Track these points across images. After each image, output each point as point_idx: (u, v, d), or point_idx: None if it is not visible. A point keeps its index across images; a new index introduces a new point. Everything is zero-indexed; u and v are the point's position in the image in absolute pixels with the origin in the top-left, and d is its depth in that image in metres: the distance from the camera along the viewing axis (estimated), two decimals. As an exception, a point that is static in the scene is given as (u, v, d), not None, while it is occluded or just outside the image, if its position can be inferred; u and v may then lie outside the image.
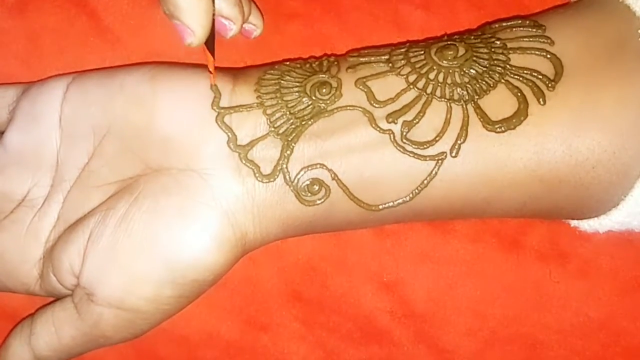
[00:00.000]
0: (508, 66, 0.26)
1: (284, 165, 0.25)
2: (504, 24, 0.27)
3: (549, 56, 0.26)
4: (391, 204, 0.26)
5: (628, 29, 0.26)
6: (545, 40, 0.26)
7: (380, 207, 0.26)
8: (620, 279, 0.31)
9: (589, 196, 0.26)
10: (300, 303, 0.31)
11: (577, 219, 0.28)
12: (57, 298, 0.26)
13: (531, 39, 0.26)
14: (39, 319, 0.26)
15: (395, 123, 0.25)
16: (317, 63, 0.27)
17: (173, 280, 0.25)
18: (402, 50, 0.27)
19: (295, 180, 0.25)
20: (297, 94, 0.26)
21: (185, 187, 0.25)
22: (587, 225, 0.28)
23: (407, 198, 0.25)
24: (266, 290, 0.31)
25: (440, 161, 0.25)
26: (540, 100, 0.25)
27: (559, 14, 0.28)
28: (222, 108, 0.26)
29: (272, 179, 0.25)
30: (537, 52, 0.26)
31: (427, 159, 0.25)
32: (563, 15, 0.27)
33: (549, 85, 0.25)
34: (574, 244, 0.31)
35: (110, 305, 0.25)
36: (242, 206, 0.25)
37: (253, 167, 0.25)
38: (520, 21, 0.27)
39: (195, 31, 0.25)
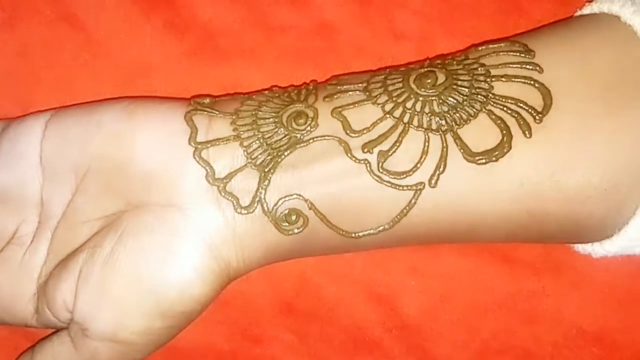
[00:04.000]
0: (490, 95, 0.25)
1: (262, 196, 0.25)
2: (491, 46, 0.26)
3: (537, 85, 0.25)
4: (371, 231, 0.26)
5: (628, 56, 0.25)
6: (534, 68, 0.25)
7: (360, 234, 0.26)
8: (614, 292, 0.30)
9: (580, 229, 0.26)
10: (293, 315, 0.31)
11: (570, 244, 0.28)
12: (55, 329, 0.27)
13: (518, 66, 0.25)
14: (39, 353, 0.27)
15: (371, 153, 0.25)
16: (295, 92, 0.27)
17: (162, 314, 0.25)
18: (381, 77, 0.26)
19: (274, 211, 0.25)
20: (273, 124, 0.26)
21: (167, 224, 0.25)
22: (580, 248, 0.28)
23: (387, 226, 0.25)
24: (259, 302, 0.31)
25: (418, 191, 0.25)
26: (526, 132, 0.24)
27: (551, 35, 0.26)
28: (199, 143, 0.26)
29: (250, 210, 0.25)
30: (523, 80, 0.25)
31: (405, 188, 0.25)
32: (555, 37, 0.26)
33: (536, 117, 0.24)
34: (568, 257, 0.30)
35: (104, 340, 0.25)
36: (223, 238, 0.26)
37: (232, 200, 0.25)
38: (508, 44, 0.26)
39: None
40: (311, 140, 0.26)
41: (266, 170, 0.25)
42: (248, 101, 0.27)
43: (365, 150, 0.25)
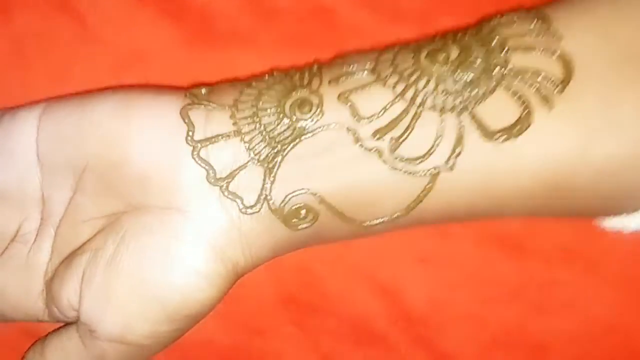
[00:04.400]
0: (508, 68, 0.23)
1: (268, 193, 0.24)
2: (503, 19, 0.24)
3: (556, 55, 0.23)
4: (385, 219, 0.24)
5: None
6: (551, 36, 0.23)
7: (373, 222, 0.24)
8: (629, 279, 0.29)
9: (609, 202, 0.24)
10: (296, 306, 0.30)
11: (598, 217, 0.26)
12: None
13: (534, 35, 0.23)
14: (49, 346, 0.26)
15: (383, 140, 0.23)
16: (297, 75, 0.25)
17: (167, 318, 0.24)
18: (390, 55, 0.25)
19: (281, 207, 0.24)
20: (276, 115, 0.24)
21: (168, 226, 0.24)
22: (611, 224, 0.26)
23: (401, 213, 0.24)
24: (261, 293, 0.31)
25: (434, 176, 0.23)
26: (546, 105, 0.23)
27: (567, 5, 0.24)
28: (197, 141, 0.24)
29: (256, 210, 0.24)
30: (541, 51, 0.23)
31: (421, 174, 0.23)
32: (572, 7, 0.24)
33: (557, 88, 0.23)
34: (581, 244, 0.29)
35: (112, 341, 0.25)
36: (229, 239, 0.24)
37: (236, 199, 0.24)
38: (523, 13, 0.24)
39: None
40: (317, 130, 0.24)
41: (271, 165, 0.24)
42: (247, 89, 0.25)
43: (376, 137, 0.23)
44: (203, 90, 0.25)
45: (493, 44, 0.24)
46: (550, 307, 0.29)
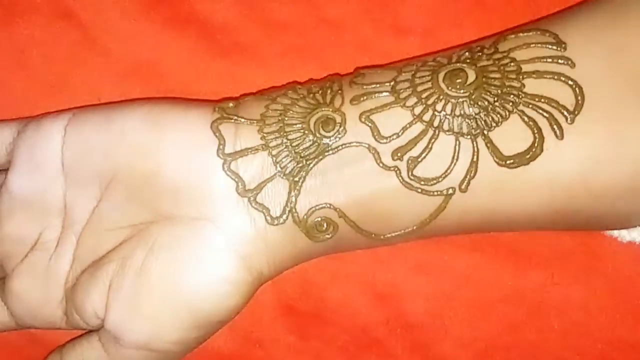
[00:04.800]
0: (522, 94, 0.24)
1: (292, 206, 0.25)
2: (520, 36, 0.25)
3: (569, 82, 0.24)
4: (400, 232, 0.26)
5: None
6: (566, 62, 0.24)
7: (388, 236, 0.26)
8: (625, 282, 0.30)
9: (608, 223, 0.26)
10: (295, 316, 0.31)
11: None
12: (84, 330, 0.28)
13: (550, 60, 0.24)
14: (69, 355, 0.27)
15: (401, 160, 0.25)
16: (320, 92, 0.26)
17: (197, 325, 0.26)
18: (409, 75, 0.26)
19: (305, 220, 0.25)
20: (301, 131, 0.26)
21: (199, 236, 0.25)
22: (608, 232, 0.28)
23: (415, 228, 0.26)
24: (260, 303, 0.31)
25: (448, 197, 0.25)
26: (558, 134, 0.24)
27: (580, 22, 0.25)
28: (228, 154, 0.25)
29: (282, 221, 0.25)
30: (555, 77, 0.24)
31: (435, 194, 0.25)
32: (585, 25, 0.25)
33: (568, 117, 0.24)
34: (576, 245, 0.30)
35: (138, 349, 0.26)
36: (255, 249, 0.26)
37: (263, 211, 0.25)
38: (539, 34, 0.25)
39: None
40: (340, 147, 0.25)
41: (296, 179, 0.25)
42: (273, 105, 0.26)
43: (395, 157, 0.25)
44: (230, 104, 0.27)
45: (509, 68, 0.25)
46: (546, 312, 0.30)
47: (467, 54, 0.26)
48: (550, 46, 0.25)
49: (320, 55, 0.30)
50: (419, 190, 0.25)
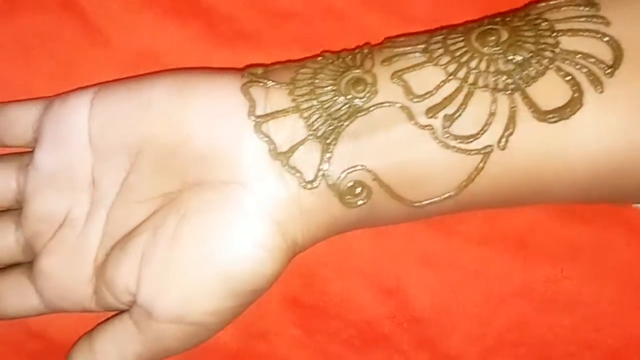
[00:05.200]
0: (557, 50, 0.24)
1: (325, 169, 0.25)
2: (551, 3, 0.25)
3: (605, 39, 0.24)
4: (436, 199, 0.25)
5: None
6: (600, 21, 0.24)
7: (424, 203, 0.25)
8: (635, 270, 0.29)
9: None
10: (300, 309, 0.30)
11: None
12: (113, 311, 0.27)
13: (583, 20, 0.24)
14: (99, 339, 0.26)
15: (436, 117, 0.24)
16: (350, 57, 0.26)
17: (232, 293, 0.25)
18: (440, 37, 0.25)
19: (338, 183, 0.25)
20: (331, 93, 0.25)
21: (232, 201, 0.25)
22: None
23: (453, 193, 0.25)
24: (265, 296, 0.29)
25: (486, 155, 0.24)
26: (598, 87, 0.23)
27: None
28: (259, 116, 0.25)
29: (315, 185, 0.25)
30: (591, 34, 0.24)
31: (473, 152, 0.24)
32: None
33: (607, 71, 0.23)
34: (586, 239, 0.29)
35: (172, 322, 0.25)
36: (289, 214, 0.25)
37: (296, 174, 0.25)
38: (569, 0, 0.25)
39: None
40: (372, 108, 0.25)
41: (328, 141, 0.25)
42: (302, 69, 0.26)
43: (430, 115, 0.24)
44: (260, 70, 0.26)
45: (542, 26, 0.24)
46: (555, 305, 0.29)
47: (497, 18, 0.26)
48: (582, 8, 0.25)
49: (325, 45, 0.30)
50: (455, 150, 0.24)
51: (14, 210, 0.28)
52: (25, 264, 0.28)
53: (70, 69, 0.31)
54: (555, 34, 0.24)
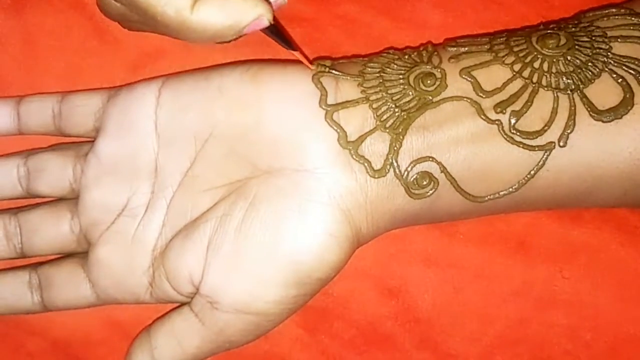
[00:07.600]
0: (610, 54, 0.26)
1: (394, 159, 0.25)
2: (599, 13, 0.27)
3: None
4: (497, 195, 0.25)
5: None
6: None
7: (486, 198, 0.25)
8: (633, 271, 0.30)
9: None
10: (303, 309, 0.29)
11: None
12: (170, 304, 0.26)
13: (631, 28, 0.26)
14: (159, 332, 0.25)
15: (504, 113, 0.25)
16: (416, 54, 0.27)
17: (299, 281, 0.24)
18: (502, 39, 0.26)
19: (405, 174, 0.25)
20: (401, 86, 0.25)
21: (301, 188, 0.24)
22: None
23: (513, 189, 0.25)
24: None
25: (548, 151, 0.25)
26: None
27: None
28: (330, 105, 0.25)
29: (383, 174, 0.25)
30: (638, 41, 0.26)
31: (536, 149, 0.25)
32: None
33: None
34: (585, 240, 0.30)
35: (237, 311, 0.24)
36: (356, 203, 0.25)
37: (365, 163, 0.25)
38: (615, 9, 0.27)
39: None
40: (441, 101, 0.25)
41: (397, 132, 0.25)
42: (370, 63, 0.26)
43: (498, 110, 0.25)
44: (328, 62, 0.26)
45: (596, 32, 0.26)
46: (555, 305, 0.30)
47: (551, 24, 0.27)
48: (629, 17, 0.26)
49: (336, 51, 0.30)
50: (521, 145, 0.25)
51: (70, 199, 0.27)
52: (78, 254, 0.27)
53: (79, 68, 0.30)
54: (607, 40, 0.26)
